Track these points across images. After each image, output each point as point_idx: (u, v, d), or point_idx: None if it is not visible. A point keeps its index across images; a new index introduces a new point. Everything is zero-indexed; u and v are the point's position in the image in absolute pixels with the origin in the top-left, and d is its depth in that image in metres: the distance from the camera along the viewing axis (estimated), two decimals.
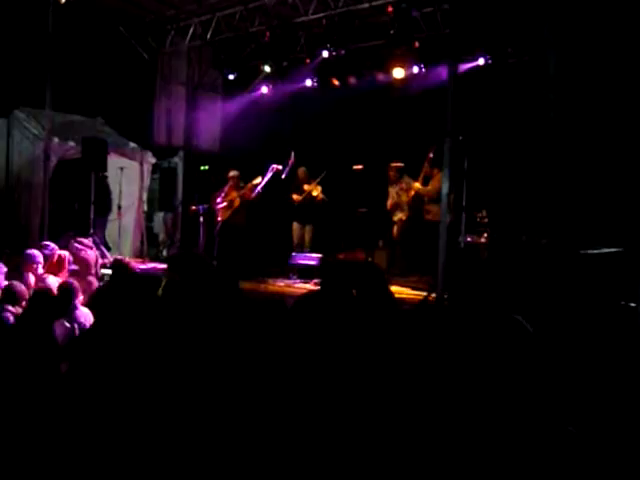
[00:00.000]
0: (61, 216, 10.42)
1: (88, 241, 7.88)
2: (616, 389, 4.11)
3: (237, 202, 10.57)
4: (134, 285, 4.04)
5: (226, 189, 10.63)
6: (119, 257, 8.27)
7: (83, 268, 6.73)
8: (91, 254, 7.15)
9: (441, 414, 2.10)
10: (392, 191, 10.04)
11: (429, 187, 9.40)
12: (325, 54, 10.12)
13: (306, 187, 10.38)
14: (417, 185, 9.56)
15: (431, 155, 9.26)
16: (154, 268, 9.97)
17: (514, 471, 1.90)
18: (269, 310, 2.60)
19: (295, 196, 10.48)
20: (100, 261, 7.78)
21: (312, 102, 11.66)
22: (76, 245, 7.28)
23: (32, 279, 6.12)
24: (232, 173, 10.64)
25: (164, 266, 10.03)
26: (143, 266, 10.29)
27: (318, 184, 10.32)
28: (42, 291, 4.78)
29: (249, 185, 10.46)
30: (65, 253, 6.65)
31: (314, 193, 10.29)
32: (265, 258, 10.48)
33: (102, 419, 2.50)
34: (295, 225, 10.66)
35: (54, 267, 6.41)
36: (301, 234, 10.61)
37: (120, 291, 3.92)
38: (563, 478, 1.86)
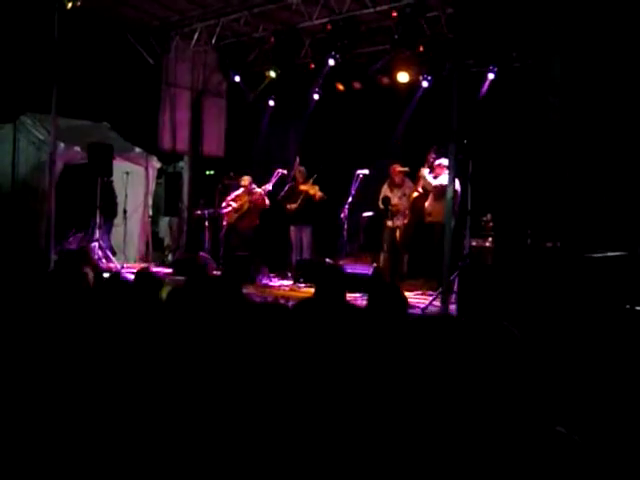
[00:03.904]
0: (67, 221, 10.46)
1: None
2: (621, 392, 4.10)
3: (246, 207, 10.60)
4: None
5: (239, 193, 10.71)
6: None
7: None
8: None
9: (441, 416, 2.09)
10: (393, 195, 9.59)
11: (438, 182, 8.78)
12: (331, 62, 10.10)
13: (302, 187, 10.19)
14: (424, 173, 8.98)
15: (431, 155, 9.04)
16: None
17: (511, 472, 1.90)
18: (272, 315, 2.60)
19: (290, 205, 10.23)
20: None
21: (317, 105, 11.74)
22: None
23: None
24: (245, 179, 10.70)
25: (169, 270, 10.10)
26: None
27: (314, 183, 10.16)
28: None
29: (260, 191, 10.48)
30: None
31: (311, 192, 10.06)
32: (270, 262, 10.49)
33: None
34: (292, 228, 10.42)
35: None
36: (299, 237, 10.37)
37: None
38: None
